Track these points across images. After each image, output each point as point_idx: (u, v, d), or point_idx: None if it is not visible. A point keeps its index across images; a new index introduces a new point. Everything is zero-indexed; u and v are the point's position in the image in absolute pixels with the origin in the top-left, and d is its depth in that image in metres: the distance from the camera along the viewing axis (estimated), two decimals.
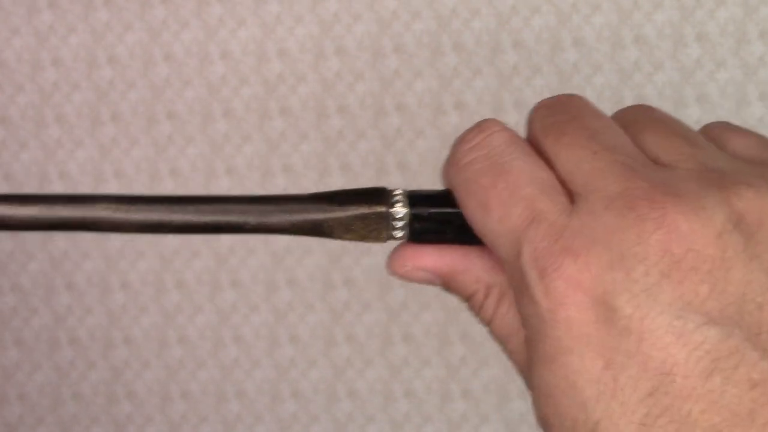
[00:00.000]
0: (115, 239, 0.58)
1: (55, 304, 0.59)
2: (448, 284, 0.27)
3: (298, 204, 0.26)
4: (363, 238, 0.27)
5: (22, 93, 0.58)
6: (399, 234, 0.27)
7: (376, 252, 0.55)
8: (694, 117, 0.52)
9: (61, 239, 0.58)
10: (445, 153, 0.55)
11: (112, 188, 0.58)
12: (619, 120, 0.25)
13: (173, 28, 0.56)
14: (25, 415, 0.60)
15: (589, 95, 0.53)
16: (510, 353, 0.27)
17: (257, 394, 0.58)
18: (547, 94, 0.56)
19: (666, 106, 0.52)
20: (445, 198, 0.26)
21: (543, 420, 0.24)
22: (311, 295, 0.56)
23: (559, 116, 0.25)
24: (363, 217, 0.27)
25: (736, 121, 0.53)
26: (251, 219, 0.26)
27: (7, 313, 0.60)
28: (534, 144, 0.25)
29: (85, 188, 0.58)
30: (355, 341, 0.56)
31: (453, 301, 0.58)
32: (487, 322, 0.27)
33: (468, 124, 0.58)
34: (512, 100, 0.53)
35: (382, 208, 0.26)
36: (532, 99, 0.53)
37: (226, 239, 0.57)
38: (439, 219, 0.26)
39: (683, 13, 0.52)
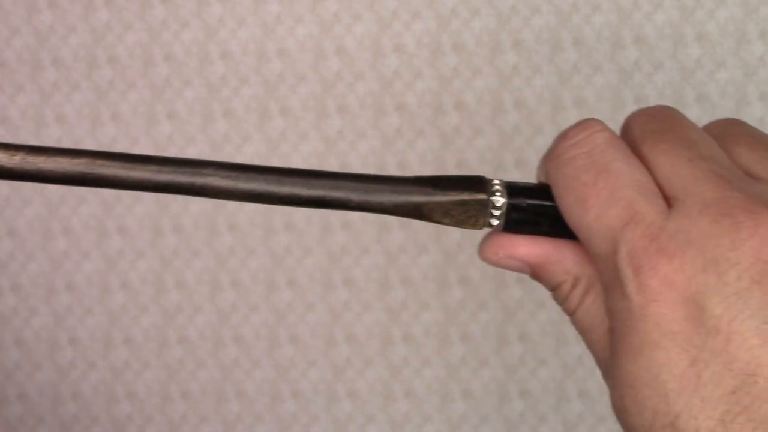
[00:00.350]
0: (116, 239, 0.58)
1: (55, 304, 0.59)
2: (537, 273, 0.28)
3: (402, 186, 0.27)
4: (460, 223, 0.28)
5: (22, 93, 0.58)
6: (495, 222, 0.28)
7: (376, 252, 0.56)
8: (694, 117, 0.52)
9: (61, 239, 0.58)
10: (444, 153, 0.55)
11: None
12: (710, 132, 0.26)
13: (173, 28, 0.56)
14: (25, 415, 0.60)
15: (589, 95, 0.53)
16: (590, 343, 0.27)
17: (257, 394, 0.58)
18: (547, 94, 0.56)
19: None
20: (542, 191, 0.27)
21: (621, 410, 0.25)
22: (311, 295, 0.56)
23: (657, 124, 0.26)
24: (463, 204, 0.27)
25: None
26: (355, 196, 0.27)
27: (7, 313, 0.60)
28: (631, 148, 0.26)
29: (84, 188, 0.58)
30: (355, 341, 0.56)
31: (453, 301, 0.58)
32: (571, 312, 0.28)
33: (467, 124, 0.58)
34: (512, 100, 0.53)
35: (482, 196, 0.27)
36: (532, 99, 0.53)
37: (226, 239, 0.57)
38: (536, 211, 0.27)
39: (683, 13, 0.52)
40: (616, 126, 0.56)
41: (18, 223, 0.59)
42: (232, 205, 0.57)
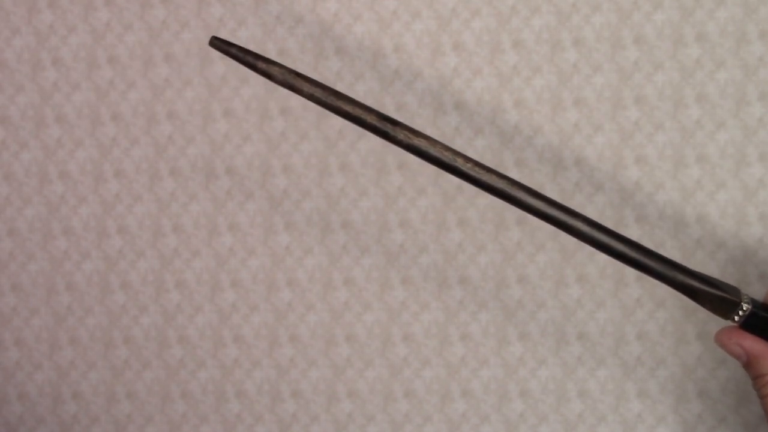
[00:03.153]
0: (116, 239, 0.58)
1: (55, 304, 0.59)
2: (750, 362, 0.42)
3: (688, 274, 0.41)
4: (714, 310, 0.42)
5: (22, 93, 0.58)
6: (736, 319, 0.42)
7: (376, 252, 0.56)
8: (694, 117, 0.52)
9: (61, 239, 0.58)
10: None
11: (112, 188, 0.58)
12: None
13: (173, 28, 0.56)
14: (25, 415, 0.60)
15: (588, 95, 0.53)
16: None
17: (257, 394, 0.58)
18: (546, 94, 0.56)
19: (666, 106, 0.52)
20: None
21: None
22: (311, 295, 0.56)
23: None
24: (722, 300, 0.41)
25: (735, 121, 0.54)
26: (658, 268, 0.41)
27: (7, 313, 0.60)
28: None
29: (84, 188, 0.58)
30: (355, 341, 0.56)
31: (452, 301, 0.58)
32: (763, 396, 0.41)
33: (468, 124, 0.58)
34: (512, 99, 0.53)
35: (736, 300, 0.42)
36: (532, 98, 0.53)
37: (226, 239, 0.57)
38: (767, 321, 0.42)
39: (683, 13, 0.52)
40: (616, 127, 0.56)
41: (18, 223, 0.59)
42: (231, 205, 0.57)
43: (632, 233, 0.53)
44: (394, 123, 0.42)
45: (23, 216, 0.59)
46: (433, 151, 0.41)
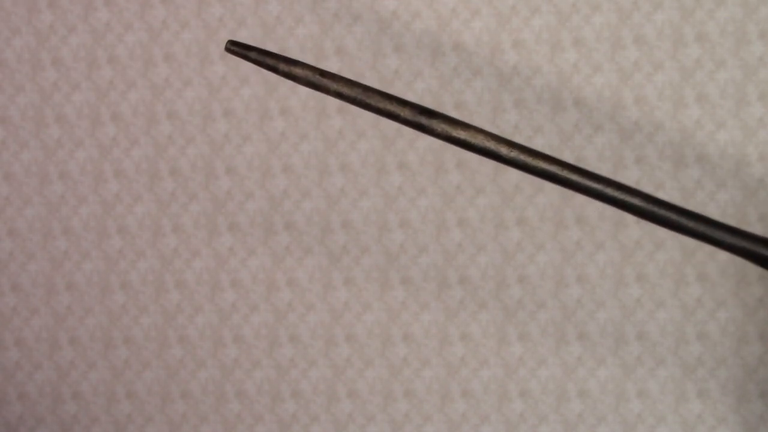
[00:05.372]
0: (116, 239, 0.58)
1: (55, 304, 0.59)
2: None
3: (756, 241, 0.40)
4: None
5: (22, 93, 0.58)
6: None
7: (376, 251, 0.56)
8: (694, 117, 0.52)
9: (61, 239, 0.58)
10: (445, 153, 0.55)
11: (112, 188, 0.58)
12: None
13: (173, 28, 0.56)
14: (25, 415, 0.60)
15: (589, 95, 0.53)
16: None
17: (257, 394, 0.58)
18: (546, 95, 0.56)
19: (666, 106, 0.52)
20: None
21: None
22: (311, 295, 0.56)
23: None
24: None
25: (735, 121, 0.54)
26: (728, 239, 0.40)
27: (7, 313, 0.60)
28: None
29: (84, 188, 0.58)
30: (355, 341, 0.56)
31: (452, 301, 0.58)
32: None
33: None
34: (512, 100, 0.53)
35: None
36: (532, 99, 0.53)
37: (226, 239, 0.57)
38: None
39: (683, 13, 0.52)
40: (616, 126, 0.56)
41: (18, 223, 0.59)
42: (231, 204, 0.57)
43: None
44: (431, 115, 0.40)
45: (23, 216, 0.59)
46: (476, 142, 0.41)
